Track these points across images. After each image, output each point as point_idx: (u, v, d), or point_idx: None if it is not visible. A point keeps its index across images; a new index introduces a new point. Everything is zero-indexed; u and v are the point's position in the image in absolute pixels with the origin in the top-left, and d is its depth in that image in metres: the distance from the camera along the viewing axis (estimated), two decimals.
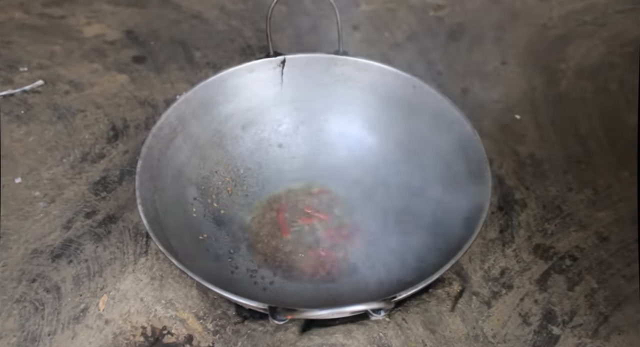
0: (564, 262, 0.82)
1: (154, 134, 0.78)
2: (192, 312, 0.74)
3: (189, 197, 0.82)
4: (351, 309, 0.54)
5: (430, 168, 0.84)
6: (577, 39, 1.16)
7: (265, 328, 0.70)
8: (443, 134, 0.83)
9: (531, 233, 0.86)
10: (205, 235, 0.81)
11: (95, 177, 0.92)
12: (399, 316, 0.72)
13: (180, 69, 1.10)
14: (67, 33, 1.18)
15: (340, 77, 0.90)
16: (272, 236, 0.83)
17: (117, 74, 1.10)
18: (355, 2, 1.23)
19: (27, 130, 1.00)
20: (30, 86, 1.07)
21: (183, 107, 0.83)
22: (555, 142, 0.98)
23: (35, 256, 0.81)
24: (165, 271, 0.76)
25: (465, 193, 0.77)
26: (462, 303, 0.77)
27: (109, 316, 0.73)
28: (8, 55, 1.12)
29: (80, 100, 1.05)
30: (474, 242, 0.82)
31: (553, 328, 0.75)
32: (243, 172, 0.89)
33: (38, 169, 0.94)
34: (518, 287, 0.80)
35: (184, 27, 1.19)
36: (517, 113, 1.03)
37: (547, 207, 0.89)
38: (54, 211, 0.88)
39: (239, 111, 0.89)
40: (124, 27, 1.19)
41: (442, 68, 1.09)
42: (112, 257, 0.79)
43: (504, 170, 0.94)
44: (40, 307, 0.75)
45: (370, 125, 0.91)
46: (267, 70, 0.89)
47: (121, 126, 1.00)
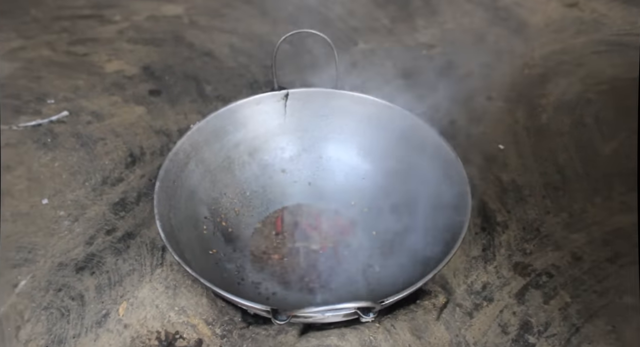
0: (541, 279, 0.90)
1: (170, 158, 0.87)
2: (202, 318, 0.82)
3: (201, 216, 0.91)
4: (342, 306, 0.62)
5: (418, 191, 0.92)
6: (556, 77, 1.26)
7: (268, 332, 0.78)
8: (429, 160, 0.92)
9: (511, 252, 0.94)
10: (214, 250, 0.89)
11: (115, 198, 1.01)
12: (388, 322, 0.80)
13: (192, 101, 1.21)
14: (90, 69, 1.29)
15: (337, 109, 1.00)
16: (274, 252, 0.92)
17: (134, 106, 1.20)
18: (353, 41, 1.34)
19: (53, 157, 1.09)
20: (57, 117, 1.17)
21: (196, 135, 0.92)
22: (535, 170, 1.07)
23: (60, 269, 0.90)
24: (179, 281, 0.85)
25: (449, 212, 0.85)
26: (447, 313, 0.85)
27: (128, 321, 0.81)
28: (37, 88, 1.23)
29: (101, 129, 1.15)
30: (457, 257, 0.92)
31: (529, 337, 0.83)
32: (249, 194, 0.98)
33: (63, 191, 1.03)
34: (498, 300, 0.87)
35: (196, 64, 1.30)
36: (501, 143, 1.12)
37: (526, 229, 0.97)
38: (78, 228, 0.97)
39: (246, 139, 0.99)
40: (141, 64, 1.30)
41: (432, 102, 1.18)
42: (131, 269, 0.87)
43: (487, 195, 1.03)
44: (65, 313, 0.84)
45: (364, 153, 1.00)
46: (272, 103, 0.99)
47: (138, 153, 1.10)
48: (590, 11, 1.43)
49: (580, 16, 1.42)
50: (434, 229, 0.87)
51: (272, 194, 1.00)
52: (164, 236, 0.76)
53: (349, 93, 0.99)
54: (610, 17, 1.41)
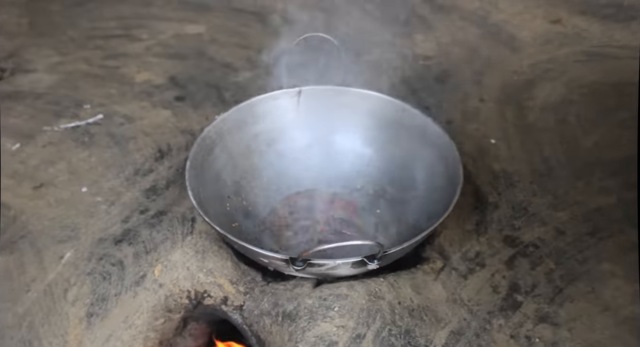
0: (528, 249, 1.01)
1: (198, 143, 1.00)
2: (227, 278, 0.93)
3: (224, 195, 1.03)
4: (350, 243, 0.73)
5: (417, 173, 1.05)
6: (542, 82, 1.39)
7: (285, 286, 0.89)
8: (427, 146, 1.04)
9: (501, 227, 1.05)
10: (236, 224, 1.01)
11: (147, 185, 1.13)
12: (392, 278, 0.90)
13: (213, 105, 1.34)
14: (121, 79, 1.43)
15: (345, 104, 1.12)
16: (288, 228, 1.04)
17: (161, 110, 1.33)
18: (358, 54, 1.48)
19: (90, 153, 1.22)
20: (93, 119, 1.30)
21: (220, 124, 1.05)
22: (524, 160, 1.19)
23: (101, 242, 1.02)
24: (207, 246, 0.96)
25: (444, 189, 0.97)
26: (444, 275, 0.95)
27: (162, 281, 0.93)
28: (75, 96, 1.37)
29: (132, 130, 1.28)
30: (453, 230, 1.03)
31: (517, 296, 0.93)
32: (266, 180, 1.10)
33: (99, 181, 1.15)
34: (490, 265, 0.98)
35: (216, 74, 1.44)
36: (492, 139, 1.24)
37: (515, 208, 1.08)
38: (114, 211, 1.09)
39: (264, 131, 1.11)
40: (167, 74, 1.44)
41: (430, 104, 1.32)
42: (164, 238, 0.99)
43: (480, 180, 1.14)
44: (107, 277, 0.95)
45: (369, 143, 1.12)
46: (287, 99, 1.12)
47: (166, 149, 1.23)
48: (572, 27, 1.58)
49: (563, 31, 1.56)
50: (432, 204, 0.99)
51: (286, 179, 1.11)
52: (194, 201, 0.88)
53: (355, 90, 1.12)
54: (590, 31, 1.55)
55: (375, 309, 0.85)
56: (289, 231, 1.03)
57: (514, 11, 1.61)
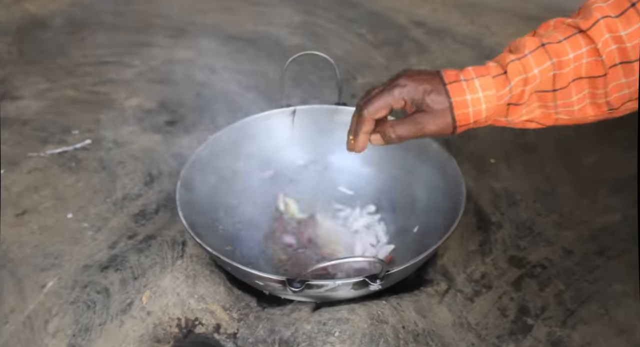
0: (535, 270, 0.96)
1: (190, 163, 0.96)
2: (219, 304, 0.87)
3: (217, 216, 0.99)
4: (351, 260, 0.69)
5: (419, 190, 1.01)
6: None
7: (282, 311, 0.84)
8: (426, 163, 1.01)
9: (506, 247, 1.00)
10: (230, 246, 0.96)
11: (135, 210, 1.09)
12: (395, 301, 0.85)
13: (205, 129, 1.30)
14: (110, 105, 1.40)
15: (341, 123, 1.07)
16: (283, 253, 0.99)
17: (152, 134, 1.30)
18: (352, 77, 1.46)
19: (77, 178, 1.18)
20: (80, 144, 1.26)
21: (213, 144, 1.01)
22: (525, 179, 1.15)
23: (86, 269, 0.96)
24: (198, 271, 0.91)
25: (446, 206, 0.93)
26: (449, 298, 0.90)
27: (151, 308, 0.87)
28: (62, 122, 1.33)
29: (121, 154, 1.24)
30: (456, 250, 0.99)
31: (527, 319, 0.88)
32: (261, 201, 1.06)
33: (86, 206, 1.11)
34: (496, 287, 0.93)
35: (208, 98, 1.41)
36: (492, 158, 1.21)
37: (519, 228, 1.04)
38: (101, 237, 1.04)
39: (257, 151, 1.08)
40: (158, 99, 1.41)
41: None
42: (153, 262, 0.94)
43: (482, 200, 1.10)
44: (92, 305, 0.89)
45: (367, 162, 1.09)
46: (281, 118, 1.08)
47: (156, 173, 1.18)
48: None
49: None
50: (434, 223, 0.95)
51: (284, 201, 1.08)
52: (185, 222, 0.83)
53: (350, 108, 1.08)
54: None
55: (379, 334, 0.80)
56: (285, 254, 0.98)
57: (507, 34, 1.60)
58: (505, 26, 1.65)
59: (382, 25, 1.71)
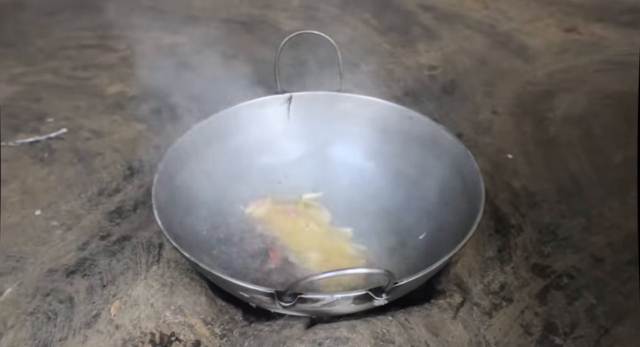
0: (562, 280, 0.85)
1: (169, 154, 0.84)
2: (200, 317, 0.76)
3: (200, 216, 0.87)
4: (353, 271, 0.57)
5: (428, 190, 0.89)
6: (561, 93, 1.25)
7: (271, 327, 0.72)
8: (438, 158, 0.89)
9: (528, 254, 0.89)
10: (215, 251, 0.84)
11: (111, 207, 0.97)
12: (402, 317, 0.74)
13: (193, 118, 1.18)
14: (91, 91, 1.28)
15: (341, 112, 0.97)
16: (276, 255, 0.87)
17: (135, 124, 1.18)
18: (355, 64, 1.34)
19: (49, 171, 1.06)
20: (55, 134, 1.14)
21: (197, 134, 0.90)
22: (547, 177, 1.04)
23: (50, 274, 0.84)
24: (176, 278, 0.79)
25: (462, 208, 0.82)
26: (464, 312, 0.79)
27: (120, 321, 0.75)
28: (37, 109, 1.21)
29: (100, 145, 1.12)
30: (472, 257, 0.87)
31: (555, 338, 0.77)
32: (250, 199, 0.94)
33: (57, 202, 0.99)
34: (518, 300, 0.82)
35: (198, 85, 1.29)
36: (509, 153, 1.09)
37: (542, 232, 0.93)
38: (70, 236, 0.92)
39: (248, 142, 0.96)
40: (142, 86, 1.29)
41: (437, 117, 1.17)
42: (125, 268, 0.82)
43: (499, 199, 0.99)
44: (52, 317, 0.77)
45: (371, 156, 0.97)
46: (276, 106, 0.97)
47: (137, 166, 1.07)
48: (589, 34, 1.45)
49: (580, 39, 1.43)
50: (447, 226, 0.83)
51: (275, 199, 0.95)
52: (160, 222, 0.72)
53: (352, 95, 0.97)
54: (609, 39, 1.42)
55: None
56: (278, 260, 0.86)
57: (524, 19, 1.48)
58: (522, 11, 1.54)
59: (388, 9, 1.59)
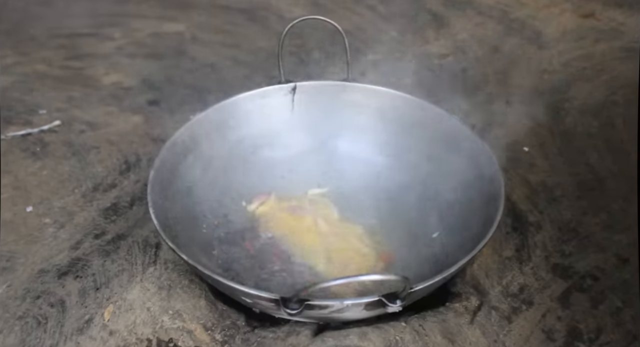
0: (585, 282, 0.79)
1: (167, 148, 0.79)
2: (200, 323, 0.71)
3: (199, 214, 0.82)
4: (365, 278, 0.52)
5: (442, 185, 0.84)
6: (579, 82, 1.19)
7: (276, 334, 0.67)
8: (453, 152, 0.84)
9: (548, 253, 0.84)
10: (215, 251, 0.79)
11: (106, 203, 0.92)
12: (416, 323, 0.69)
13: (192, 110, 1.13)
14: (86, 81, 1.23)
15: (349, 103, 0.92)
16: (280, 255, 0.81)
17: (131, 115, 1.13)
18: (362, 52, 1.28)
19: (42, 165, 1.01)
20: (48, 126, 1.09)
21: (196, 127, 0.85)
22: (566, 171, 0.98)
23: (41, 275, 0.80)
24: (174, 280, 0.74)
25: (478, 205, 0.76)
26: (481, 317, 0.73)
27: (114, 327, 0.70)
28: (29, 100, 1.16)
29: (95, 138, 1.07)
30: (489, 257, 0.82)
31: (580, 345, 0.71)
32: (252, 195, 0.89)
33: (50, 199, 0.94)
34: (539, 303, 0.76)
35: (197, 75, 1.24)
36: (525, 146, 1.04)
37: (562, 230, 0.87)
38: (63, 235, 0.87)
39: (250, 135, 0.91)
40: (140, 76, 1.24)
41: (448, 107, 1.11)
42: (120, 269, 0.77)
43: (516, 195, 0.93)
44: (43, 322, 0.73)
45: (380, 150, 0.92)
46: (279, 97, 0.91)
47: (134, 160, 1.02)
48: (607, 20, 1.39)
49: (597, 25, 1.37)
50: (462, 225, 0.78)
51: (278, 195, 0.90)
52: (156, 222, 0.66)
53: (361, 85, 0.92)
54: (628, 25, 1.36)
55: None
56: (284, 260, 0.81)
57: (539, 5, 1.42)
58: None
59: None
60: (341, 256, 0.80)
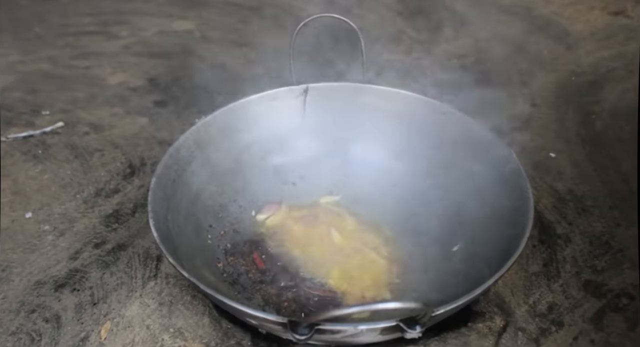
0: (620, 301, 0.73)
1: (170, 154, 0.75)
2: (202, 342, 0.66)
3: (204, 224, 0.77)
4: (382, 306, 0.46)
5: (465, 194, 0.78)
6: (609, 83, 1.13)
7: None
8: (476, 159, 0.78)
9: (579, 269, 0.77)
10: (220, 264, 0.74)
11: (108, 210, 0.88)
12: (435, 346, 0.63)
13: (200, 111, 1.09)
14: (90, 81, 1.19)
15: (364, 106, 0.87)
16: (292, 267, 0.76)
17: (137, 117, 1.09)
18: (377, 52, 1.23)
19: (43, 169, 0.97)
20: (51, 128, 1.05)
21: (202, 131, 0.80)
22: (596, 179, 0.92)
23: (37, 287, 0.75)
24: (176, 296, 0.69)
25: (505, 217, 0.70)
26: (507, 339, 0.68)
27: (112, 346, 0.66)
28: (32, 101, 1.13)
29: (99, 140, 1.03)
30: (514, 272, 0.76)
31: None
32: (262, 203, 0.84)
33: (50, 204, 0.90)
34: (570, 324, 0.70)
35: (207, 75, 1.19)
36: (551, 151, 0.98)
37: (594, 243, 0.81)
38: (62, 243, 0.83)
39: (259, 140, 0.86)
40: (147, 76, 1.20)
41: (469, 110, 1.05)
42: (118, 283, 0.72)
43: (542, 205, 0.87)
44: (37, 338, 0.68)
45: (397, 156, 0.86)
46: (290, 99, 0.86)
47: (138, 164, 0.97)
48: (639, 18, 1.32)
49: (628, 23, 1.30)
50: (486, 240, 0.72)
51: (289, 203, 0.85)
52: (156, 235, 0.61)
53: (377, 87, 0.87)
54: None
55: None
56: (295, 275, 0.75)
57: (565, 2, 1.35)
58: None
59: None
60: (356, 271, 0.74)
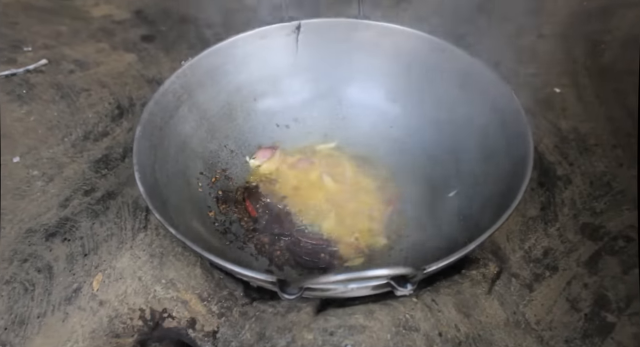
0: (617, 243, 0.72)
1: (156, 100, 0.71)
2: (195, 293, 0.66)
3: (194, 171, 0.75)
4: (372, 274, 0.45)
5: (463, 136, 0.75)
6: (621, 9, 1.06)
7: (275, 309, 0.62)
8: (476, 99, 0.75)
9: (577, 211, 0.76)
10: (213, 212, 0.73)
11: (97, 155, 0.86)
12: (428, 297, 0.63)
13: (190, 47, 1.04)
14: (74, 14, 1.13)
15: (361, 43, 0.82)
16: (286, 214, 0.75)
17: (124, 53, 1.04)
18: None
19: (29, 110, 0.94)
20: (34, 66, 1.01)
21: (188, 74, 0.76)
22: (601, 115, 0.89)
23: (28, 236, 0.75)
24: (166, 247, 0.69)
25: (504, 161, 0.68)
26: (500, 286, 0.68)
27: (104, 297, 0.66)
28: (12, 35, 1.08)
29: (85, 79, 0.99)
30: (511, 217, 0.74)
31: (607, 315, 0.66)
32: (255, 148, 0.82)
33: (38, 148, 0.88)
34: (564, 269, 0.70)
35: (195, 7, 1.13)
36: (556, 86, 0.94)
37: (594, 184, 0.79)
38: (52, 189, 0.81)
39: (250, 81, 0.82)
40: (133, 7, 1.14)
41: (471, 41, 1.00)
42: (108, 234, 0.71)
43: (543, 145, 0.85)
44: (30, 288, 0.68)
45: (394, 96, 0.83)
46: (281, 37, 0.82)
47: (127, 104, 0.94)
48: None
49: None
50: (484, 185, 0.70)
51: (283, 147, 0.82)
52: (143, 189, 0.60)
53: (374, 23, 0.82)
54: None
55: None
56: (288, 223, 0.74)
57: None
58: None
59: None
60: (351, 217, 0.73)
